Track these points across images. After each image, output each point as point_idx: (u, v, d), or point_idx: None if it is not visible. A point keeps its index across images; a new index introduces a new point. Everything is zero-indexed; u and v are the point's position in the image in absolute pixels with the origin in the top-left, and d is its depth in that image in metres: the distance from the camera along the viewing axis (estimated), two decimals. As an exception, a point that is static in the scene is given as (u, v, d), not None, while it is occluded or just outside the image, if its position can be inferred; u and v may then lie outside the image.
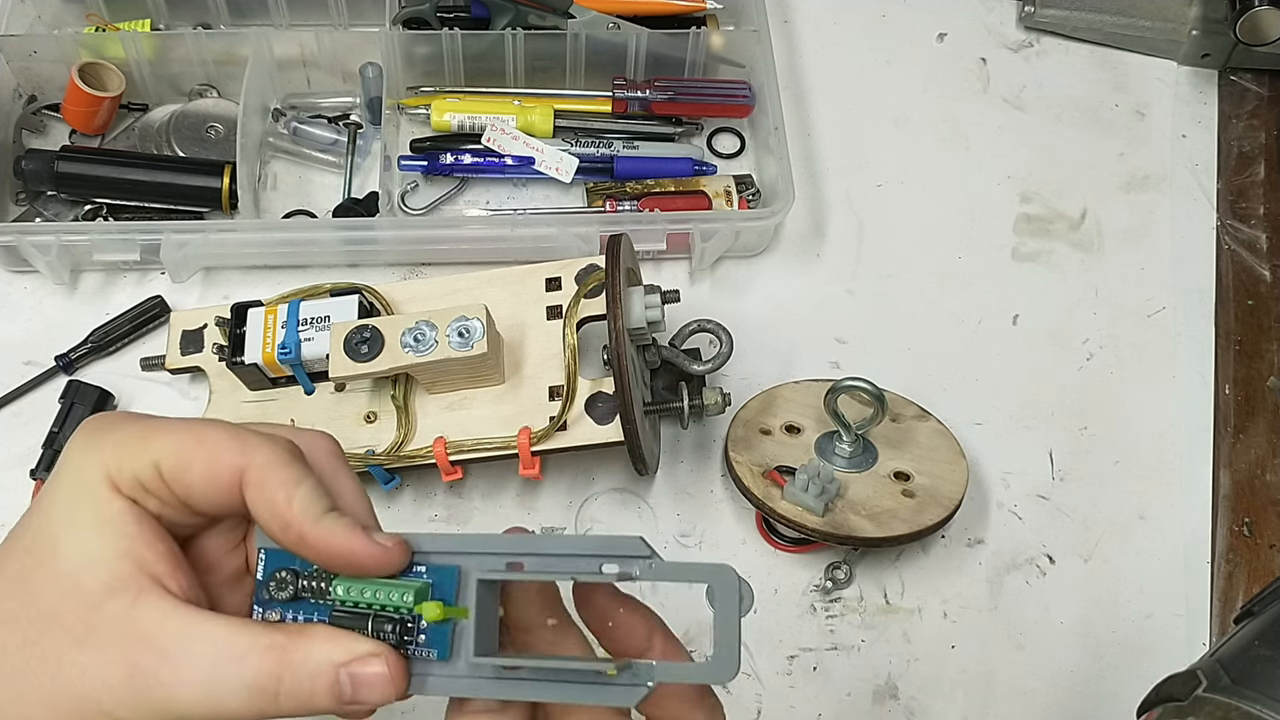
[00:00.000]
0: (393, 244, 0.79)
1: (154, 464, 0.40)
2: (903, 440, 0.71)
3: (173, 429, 0.41)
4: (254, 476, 0.40)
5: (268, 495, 0.40)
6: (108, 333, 0.75)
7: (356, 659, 0.39)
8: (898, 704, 0.66)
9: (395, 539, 0.41)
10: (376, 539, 0.40)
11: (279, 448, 0.41)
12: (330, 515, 0.40)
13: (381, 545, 0.40)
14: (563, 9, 0.84)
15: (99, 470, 0.40)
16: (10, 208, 0.80)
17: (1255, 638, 0.48)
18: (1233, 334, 0.80)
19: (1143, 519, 0.73)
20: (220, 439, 0.40)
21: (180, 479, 0.40)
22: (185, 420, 0.42)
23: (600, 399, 0.66)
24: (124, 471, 0.40)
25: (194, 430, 0.41)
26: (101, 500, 0.40)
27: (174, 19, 0.88)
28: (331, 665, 0.39)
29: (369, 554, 0.40)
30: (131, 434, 0.41)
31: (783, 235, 0.83)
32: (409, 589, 0.40)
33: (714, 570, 0.37)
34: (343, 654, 0.39)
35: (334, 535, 0.40)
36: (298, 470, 0.40)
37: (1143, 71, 0.93)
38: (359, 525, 0.40)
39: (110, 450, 0.40)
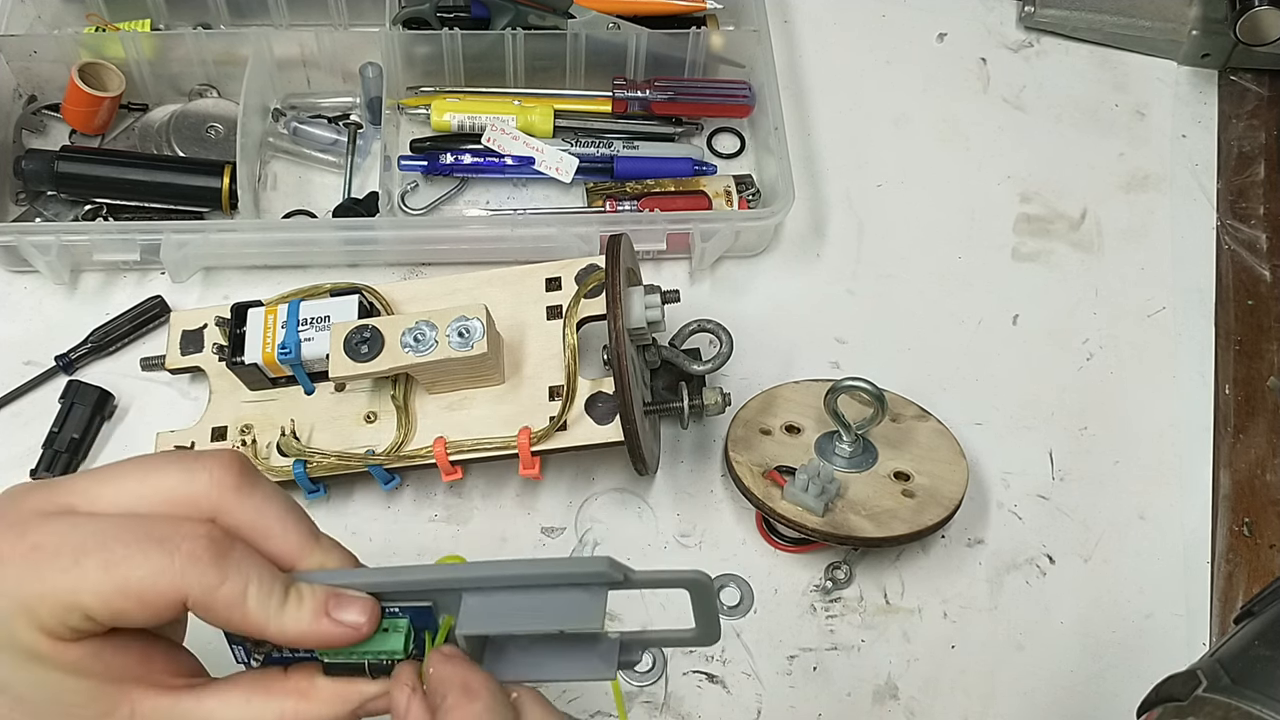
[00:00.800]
0: (393, 244, 0.79)
1: (85, 616, 0.38)
2: (903, 440, 0.71)
3: (89, 576, 0.37)
4: (198, 602, 0.38)
5: (220, 616, 0.39)
6: (108, 333, 0.75)
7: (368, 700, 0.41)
8: (898, 704, 0.66)
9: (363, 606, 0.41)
10: (342, 619, 0.40)
11: (207, 557, 0.38)
12: (289, 605, 0.40)
13: (348, 626, 0.40)
14: (563, 9, 0.84)
15: (30, 628, 0.38)
16: (10, 208, 0.80)
17: (1255, 638, 0.48)
18: (1233, 334, 0.80)
19: (1143, 519, 0.73)
20: (144, 572, 0.37)
21: (121, 620, 0.38)
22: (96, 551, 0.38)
23: (600, 399, 0.66)
24: (57, 626, 0.38)
25: (112, 571, 0.37)
26: (50, 653, 0.38)
27: (174, 19, 0.88)
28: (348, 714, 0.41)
29: (339, 637, 0.40)
30: (48, 589, 0.37)
31: (783, 235, 0.83)
32: (396, 635, 0.41)
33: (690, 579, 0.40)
34: (355, 700, 0.41)
35: (299, 626, 0.40)
36: (237, 578, 0.39)
37: (1143, 71, 0.93)
38: (321, 608, 0.40)
39: (32, 611, 0.38)
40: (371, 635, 0.41)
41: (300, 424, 0.68)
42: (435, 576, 0.41)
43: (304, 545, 0.42)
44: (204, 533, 0.39)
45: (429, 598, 0.41)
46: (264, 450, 0.67)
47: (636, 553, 0.70)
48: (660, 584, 0.41)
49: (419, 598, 0.41)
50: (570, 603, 0.40)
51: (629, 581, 0.40)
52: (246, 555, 0.40)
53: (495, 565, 0.41)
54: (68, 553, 0.38)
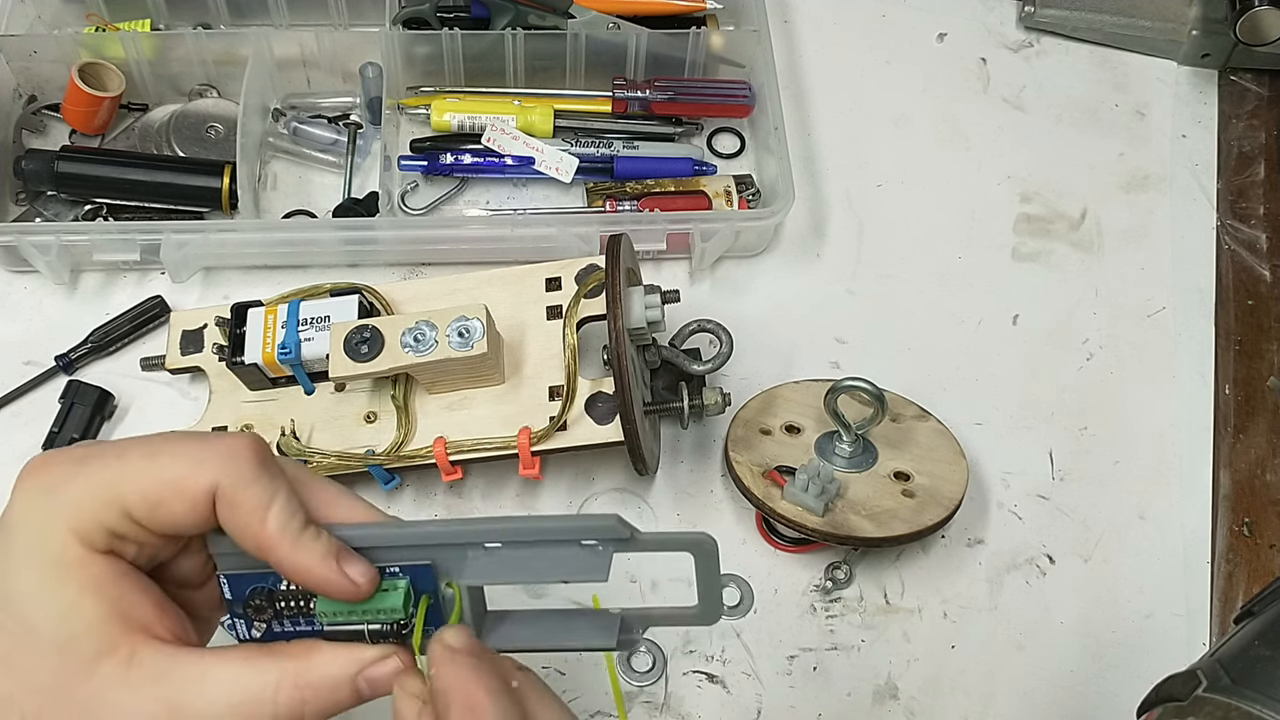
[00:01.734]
0: (393, 244, 0.79)
1: (124, 512, 0.38)
2: (903, 440, 0.71)
3: (131, 465, 0.39)
4: (226, 495, 0.39)
5: (242, 517, 0.39)
6: (108, 333, 0.75)
7: (369, 665, 0.40)
8: (898, 704, 0.66)
9: (366, 568, 0.41)
10: (348, 572, 0.40)
11: (245, 457, 0.39)
12: (306, 535, 0.40)
13: (352, 581, 0.40)
14: (563, 9, 0.84)
15: (65, 530, 0.38)
16: (10, 208, 0.80)
17: (1255, 638, 0.48)
18: (1233, 334, 0.80)
19: (1143, 519, 0.73)
20: (183, 464, 0.39)
21: (155, 517, 0.39)
22: (139, 448, 0.39)
23: (600, 399, 0.66)
24: (93, 526, 0.38)
25: (154, 460, 0.39)
26: (76, 564, 0.38)
27: (174, 19, 0.88)
28: (348, 677, 0.40)
29: (339, 587, 0.40)
30: (91, 484, 0.38)
31: (783, 235, 0.83)
32: (395, 594, 0.41)
33: (693, 540, 0.40)
34: (355, 665, 0.40)
35: (309, 560, 0.40)
36: (267, 484, 0.40)
37: (1143, 71, 0.93)
38: (332, 553, 0.40)
39: (73, 507, 0.38)
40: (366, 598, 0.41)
41: (300, 424, 0.68)
42: (445, 530, 0.41)
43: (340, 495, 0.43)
44: (247, 438, 0.40)
45: (433, 554, 0.41)
46: (264, 450, 0.67)
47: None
48: (665, 545, 0.41)
49: (424, 554, 0.41)
50: (577, 557, 0.40)
51: (634, 541, 0.40)
52: (280, 475, 0.40)
53: (504, 520, 0.41)
54: (113, 451, 0.39)
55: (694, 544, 0.40)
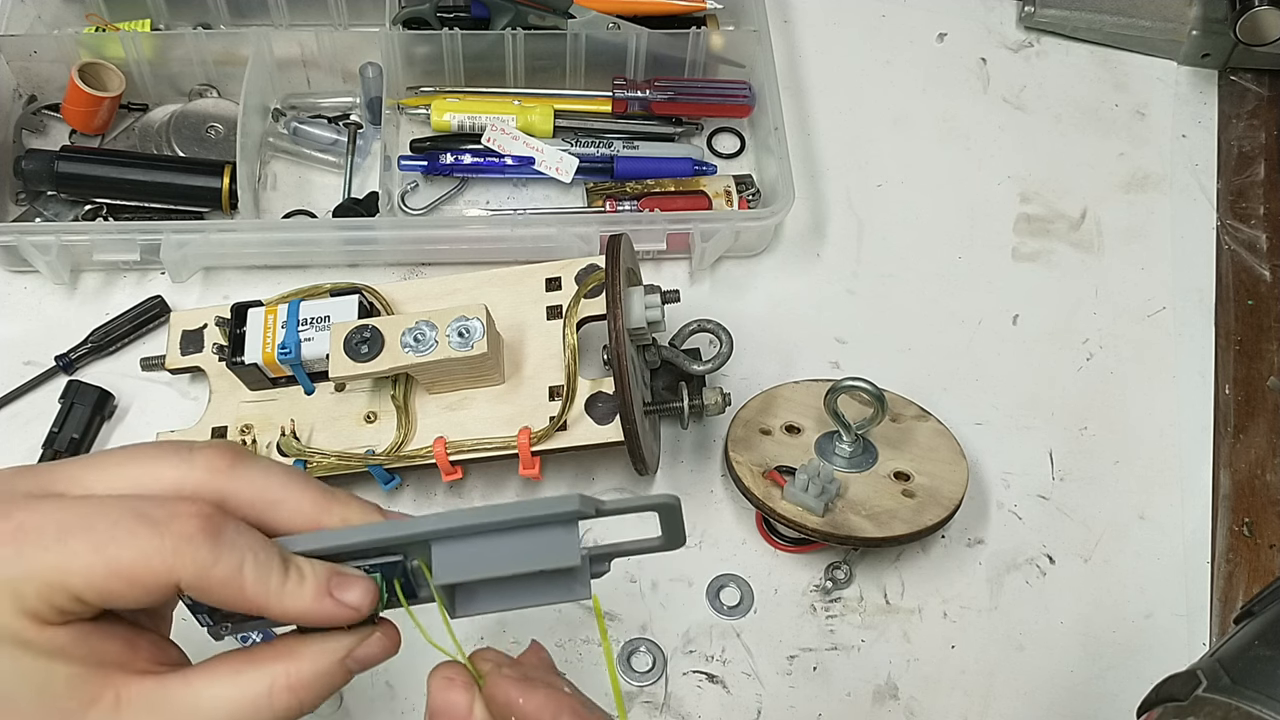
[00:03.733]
0: (393, 244, 0.79)
1: (73, 597, 0.37)
2: (903, 440, 0.71)
3: (74, 552, 0.36)
4: (192, 583, 0.37)
5: (217, 597, 0.38)
6: (108, 333, 0.75)
7: (355, 648, 0.40)
8: (898, 704, 0.66)
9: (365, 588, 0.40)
10: (345, 600, 0.40)
11: (200, 536, 0.37)
12: (290, 582, 0.39)
13: (349, 607, 0.40)
14: (563, 9, 0.84)
15: (14, 611, 0.37)
16: (10, 208, 0.80)
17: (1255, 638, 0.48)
18: (1233, 334, 0.80)
19: (1143, 519, 0.73)
20: (133, 554, 0.36)
21: (108, 601, 0.37)
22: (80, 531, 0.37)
23: (600, 399, 0.66)
24: (43, 607, 0.37)
25: (100, 550, 0.36)
26: (34, 637, 0.37)
27: (174, 19, 0.88)
28: (337, 663, 0.40)
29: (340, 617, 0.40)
30: (33, 569, 0.36)
31: (783, 235, 0.83)
32: None
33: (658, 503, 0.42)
34: (342, 651, 0.40)
35: (301, 604, 0.39)
36: (231, 554, 0.38)
37: (1143, 71, 0.93)
38: (323, 587, 0.39)
39: (17, 592, 0.36)
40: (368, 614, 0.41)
41: (300, 424, 0.68)
42: (406, 532, 0.40)
43: (319, 505, 0.41)
44: (195, 511, 0.38)
45: (400, 551, 0.41)
46: (264, 450, 0.67)
47: (636, 553, 0.70)
48: (631, 509, 0.41)
49: (389, 553, 0.41)
50: (544, 542, 0.40)
51: (600, 513, 0.40)
52: (241, 532, 0.39)
53: (466, 513, 0.40)
54: (52, 531, 0.37)
55: (658, 506, 0.41)
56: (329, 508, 0.41)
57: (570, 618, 0.67)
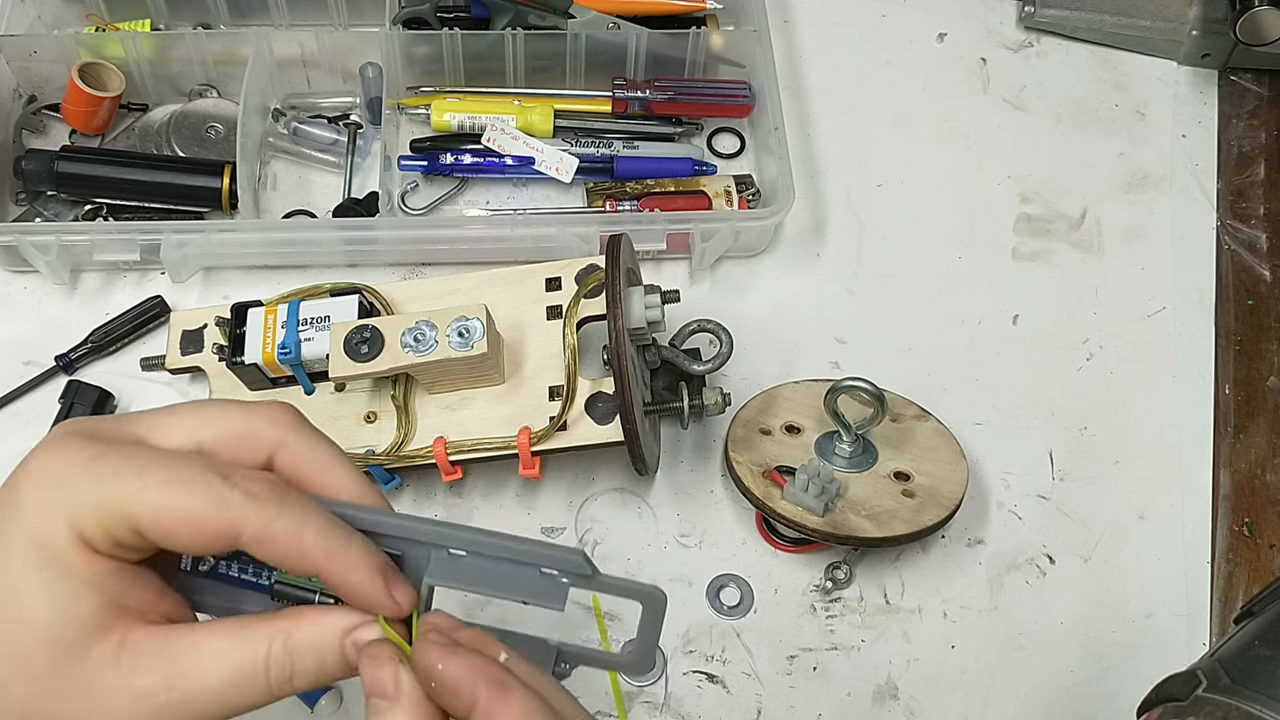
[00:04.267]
0: (393, 244, 0.79)
1: (134, 529, 0.38)
2: (903, 440, 0.71)
3: (149, 487, 0.38)
4: (255, 536, 0.39)
5: (277, 550, 0.39)
6: (108, 333, 0.75)
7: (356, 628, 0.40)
8: (898, 704, 0.66)
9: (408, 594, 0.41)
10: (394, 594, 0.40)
11: (265, 494, 0.39)
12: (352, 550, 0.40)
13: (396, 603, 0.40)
14: (563, 9, 0.84)
15: (69, 529, 0.38)
16: (10, 208, 0.80)
17: (1255, 638, 0.48)
18: (1233, 334, 0.80)
19: (1143, 519, 0.73)
20: (200, 505, 0.38)
21: (166, 541, 0.39)
22: (158, 467, 0.38)
23: (600, 399, 0.66)
24: (99, 533, 0.38)
25: (173, 490, 0.38)
26: (76, 562, 0.38)
27: (174, 19, 0.88)
28: (336, 635, 0.40)
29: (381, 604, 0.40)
30: (105, 494, 0.38)
31: (783, 235, 0.83)
32: None
33: (646, 592, 0.42)
34: (342, 622, 0.40)
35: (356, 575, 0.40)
36: (293, 511, 0.39)
37: (1143, 71, 0.93)
38: (380, 572, 0.40)
39: (81, 510, 0.38)
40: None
41: (300, 424, 0.68)
42: (416, 526, 0.42)
43: (359, 482, 0.43)
44: (264, 475, 0.40)
45: (403, 547, 0.42)
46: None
47: (636, 552, 0.70)
48: (620, 591, 0.42)
49: (396, 545, 0.42)
50: (538, 583, 0.41)
51: (594, 581, 0.41)
52: (304, 498, 0.40)
53: (476, 531, 0.41)
54: (133, 466, 0.38)
55: (646, 595, 0.42)
56: (364, 489, 0.43)
57: (570, 618, 0.67)
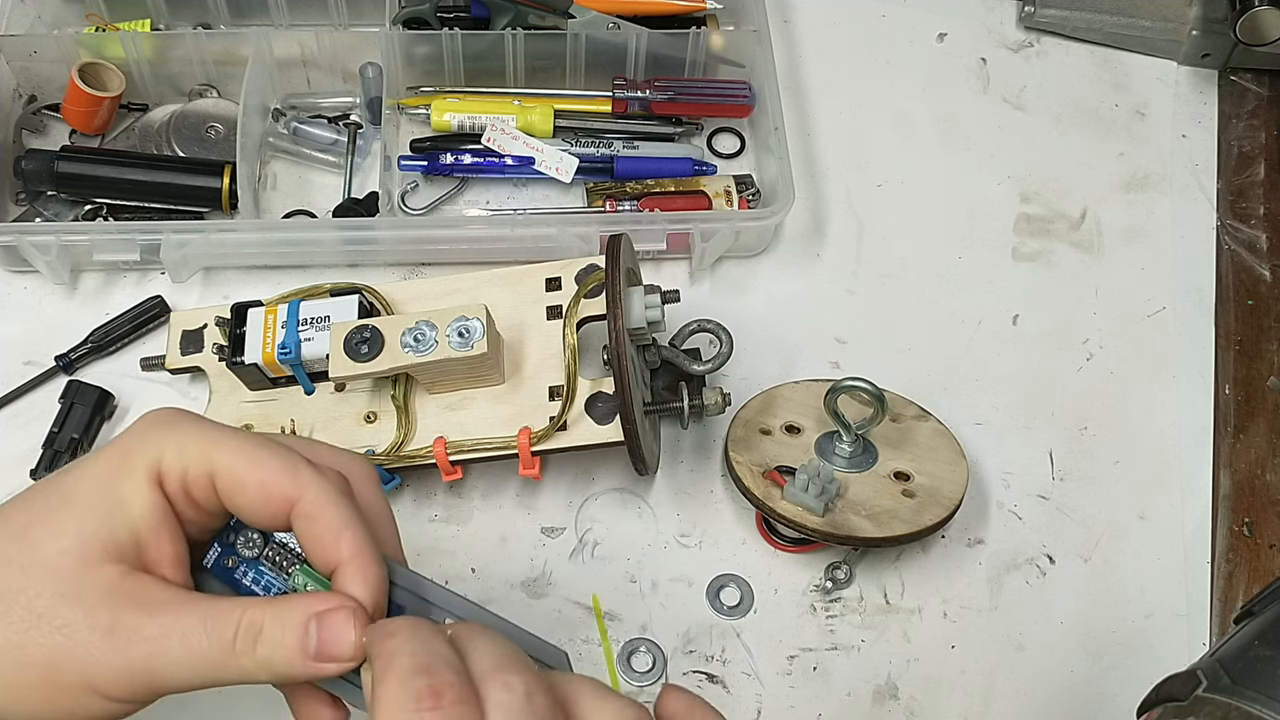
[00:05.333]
0: (393, 244, 0.79)
1: (209, 475, 0.41)
2: (903, 440, 0.71)
3: (233, 444, 0.42)
4: (306, 509, 0.42)
5: (317, 532, 0.42)
6: (108, 333, 0.75)
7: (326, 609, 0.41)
8: (898, 704, 0.66)
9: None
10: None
11: (330, 484, 0.42)
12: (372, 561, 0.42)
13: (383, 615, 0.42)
14: (563, 9, 0.84)
15: (151, 461, 0.41)
16: (10, 208, 0.80)
17: (1255, 638, 0.48)
18: (1233, 334, 0.80)
19: (1143, 519, 0.73)
20: (275, 466, 0.42)
21: (231, 495, 0.42)
22: (245, 436, 0.43)
23: (600, 399, 0.66)
24: (175, 472, 0.42)
25: (252, 451, 0.42)
26: (139, 487, 0.41)
27: (174, 19, 0.88)
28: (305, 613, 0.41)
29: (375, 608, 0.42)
30: (197, 438, 0.42)
31: (783, 235, 0.83)
32: None
33: None
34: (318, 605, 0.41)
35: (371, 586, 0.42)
36: (346, 510, 0.42)
37: (1143, 71, 0.93)
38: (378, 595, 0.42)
39: (173, 448, 0.42)
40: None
41: (300, 424, 0.68)
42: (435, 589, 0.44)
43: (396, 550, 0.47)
44: (335, 471, 0.44)
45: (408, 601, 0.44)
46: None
47: (636, 552, 0.70)
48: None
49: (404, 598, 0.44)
50: None
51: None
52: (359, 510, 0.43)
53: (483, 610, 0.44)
54: (224, 429, 0.43)
55: None
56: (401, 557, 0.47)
57: (570, 618, 0.67)
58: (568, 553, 0.70)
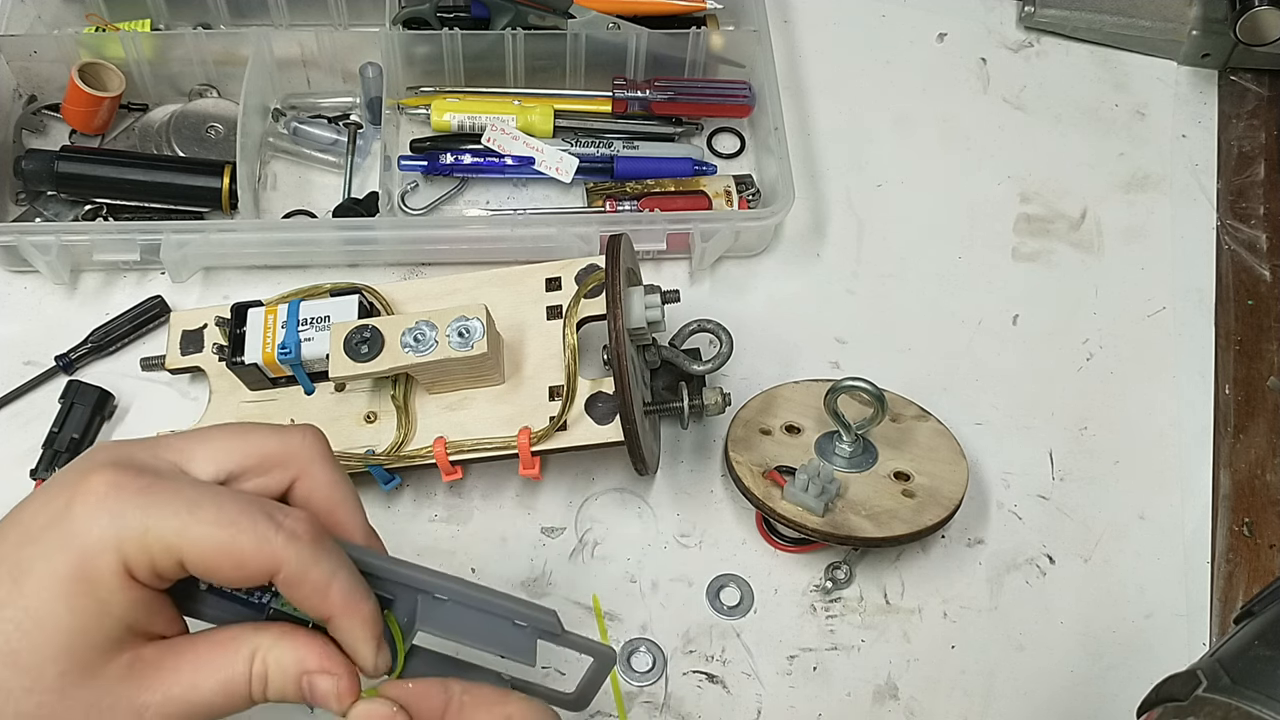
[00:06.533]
0: (393, 244, 0.79)
1: (178, 562, 0.40)
2: (903, 440, 0.71)
3: (196, 531, 0.40)
4: (288, 579, 0.41)
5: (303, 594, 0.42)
6: (108, 333, 0.75)
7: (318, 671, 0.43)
8: (898, 704, 0.66)
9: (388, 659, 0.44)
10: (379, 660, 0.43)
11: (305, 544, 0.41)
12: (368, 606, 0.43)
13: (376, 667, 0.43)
14: (563, 9, 0.84)
15: (115, 557, 0.39)
16: (10, 208, 0.80)
17: (1255, 638, 0.48)
18: (1233, 334, 0.80)
19: (1143, 519, 0.73)
20: (247, 545, 0.40)
21: (205, 573, 0.41)
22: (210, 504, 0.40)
23: (600, 399, 0.66)
24: (143, 563, 0.40)
25: (222, 528, 0.40)
26: (112, 588, 0.40)
27: (174, 19, 0.88)
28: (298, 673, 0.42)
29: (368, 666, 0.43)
30: (158, 527, 0.39)
31: (783, 235, 0.83)
32: None
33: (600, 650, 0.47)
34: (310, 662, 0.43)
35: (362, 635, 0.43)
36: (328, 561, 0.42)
37: (1143, 71, 0.93)
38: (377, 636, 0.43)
39: (131, 540, 0.39)
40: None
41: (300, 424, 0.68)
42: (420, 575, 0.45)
43: (363, 527, 0.46)
44: (305, 517, 0.42)
45: (398, 591, 0.45)
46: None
47: (636, 552, 0.70)
48: (580, 646, 0.46)
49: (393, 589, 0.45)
50: (511, 634, 0.46)
51: (560, 637, 0.46)
52: (337, 547, 0.43)
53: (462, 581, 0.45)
54: (183, 501, 0.40)
55: (598, 653, 0.47)
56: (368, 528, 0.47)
57: (570, 618, 0.67)
58: (568, 553, 0.70)
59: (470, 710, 0.43)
